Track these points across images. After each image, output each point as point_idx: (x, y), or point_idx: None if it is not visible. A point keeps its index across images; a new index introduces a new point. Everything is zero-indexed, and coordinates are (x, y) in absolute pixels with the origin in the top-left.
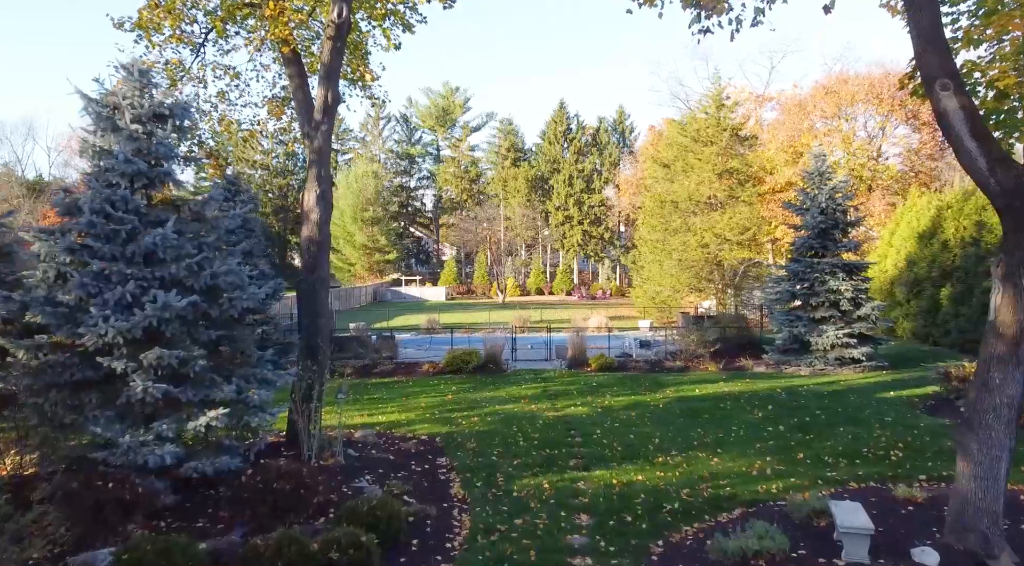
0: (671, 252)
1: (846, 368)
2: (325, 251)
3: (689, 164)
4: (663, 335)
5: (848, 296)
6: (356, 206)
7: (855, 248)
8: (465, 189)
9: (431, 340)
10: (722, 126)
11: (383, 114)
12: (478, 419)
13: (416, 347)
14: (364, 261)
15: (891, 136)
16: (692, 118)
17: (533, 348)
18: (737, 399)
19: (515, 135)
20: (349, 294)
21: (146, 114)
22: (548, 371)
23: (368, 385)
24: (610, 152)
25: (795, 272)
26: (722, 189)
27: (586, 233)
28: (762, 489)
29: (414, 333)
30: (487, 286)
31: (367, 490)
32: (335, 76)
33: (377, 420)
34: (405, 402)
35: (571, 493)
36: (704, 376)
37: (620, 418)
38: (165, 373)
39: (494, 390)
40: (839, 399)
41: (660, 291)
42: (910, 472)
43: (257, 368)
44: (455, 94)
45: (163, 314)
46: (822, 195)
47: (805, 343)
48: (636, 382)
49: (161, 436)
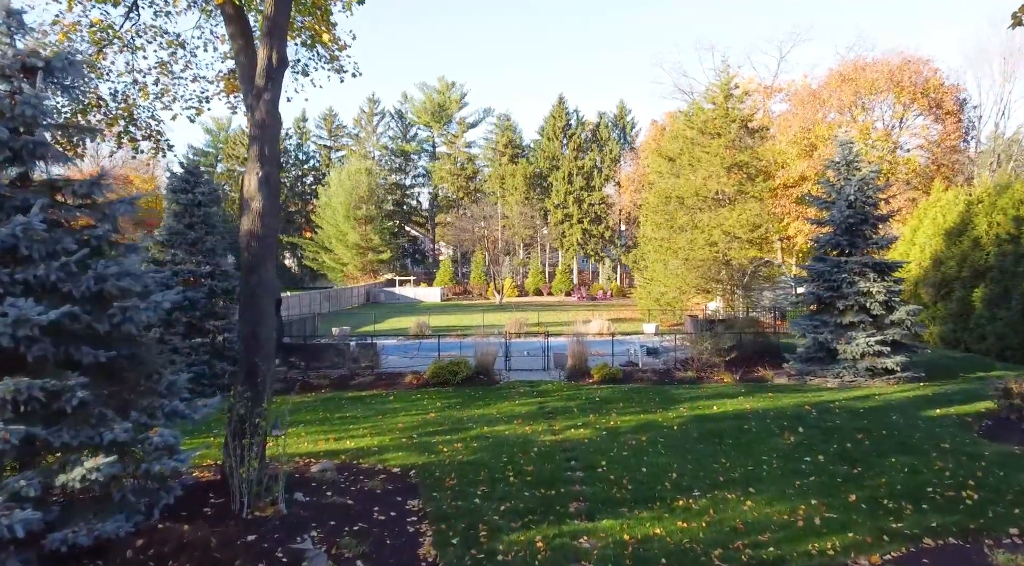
0: (676, 251)
1: (878, 379)
2: (270, 248)
3: (696, 158)
4: (671, 340)
5: (880, 299)
6: (349, 204)
7: (886, 246)
8: (462, 187)
9: (419, 346)
10: (731, 117)
11: (377, 110)
12: (462, 445)
13: (402, 354)
14: (357, 261)
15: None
16: (699, 109)
17: (529, 354)
18: (762, 418)
19: (513, 131)
20: (340, 295)
21: (10, 65)
22: (545, 383)
23: (343, 400)
24: (611, 148)
25: (819, 272)
26: (731, 184)
27: (586, 232)
28: (814, 549)
29: (402, 338)
30: (484, 287)
31: (309, 555)
32: (280, 32)
33: (344, 446)
34: (381, 422)
35: (571, 554)
36: (720, 389)
37: (629, 444)
38: (29, 409)
39: (484, 407)
40: (879, 418)
41: (665, 292)
42: (995, 523)
43: (168, 397)
44: (451, 89)
45: (20, 330)
46: (850, 187)
47: (831, 351)
48: (644, 397)
49: (17, 495)
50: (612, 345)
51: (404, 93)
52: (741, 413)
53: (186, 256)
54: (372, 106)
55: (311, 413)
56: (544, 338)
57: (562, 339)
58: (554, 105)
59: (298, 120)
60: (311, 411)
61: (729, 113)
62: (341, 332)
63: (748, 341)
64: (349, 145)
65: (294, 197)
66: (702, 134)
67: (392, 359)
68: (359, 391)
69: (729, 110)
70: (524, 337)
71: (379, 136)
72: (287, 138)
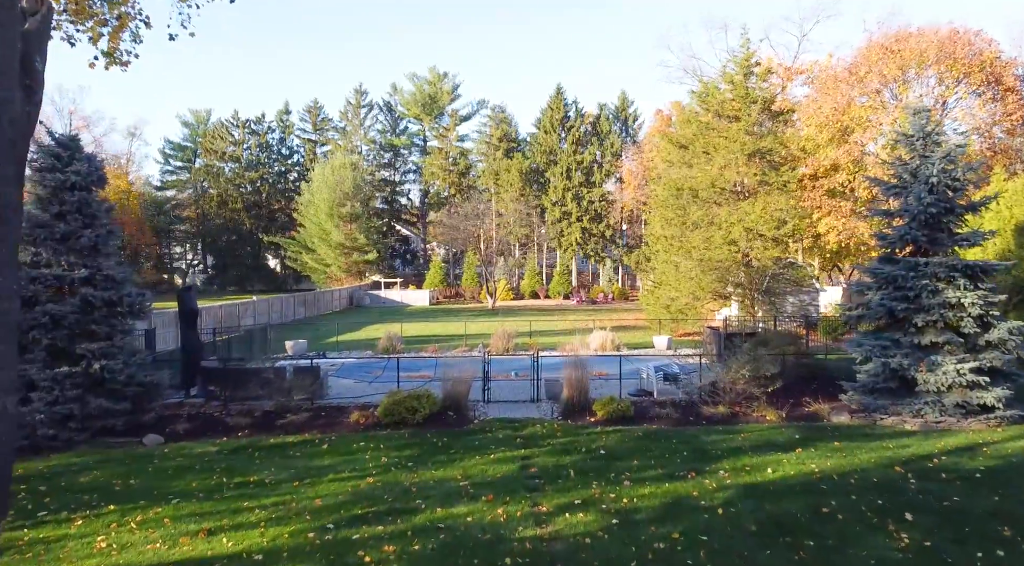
0: (690, 251)
1: (973, 419)
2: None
3: (712, 144)
4: (690, 357)
5: (974, 313)
6: (332, 201)
7: (977, 243)
8: (454, 183)
9: (386, 364)
10: (751, 98)
11: (364, 101)
12: (396, 549)
13: (360, 377)
14: (341, 261)
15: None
16: (714, 90)
17: (516, 376)
18: (843, 491)
19: (508, 124)
20: (319, 299)
21: None
22: (533, 423)
23: (257, 452)
24: (612, 142)
25: (889, 277)
26: (752, 173)
27: (585, 231)
28: None
29: (369, 354)
30: (476, 290)
31: None
32: None
33: (217, 548)
34: (294, 495)
35: None
36: (766, 434)
37: (654, 547)
38: None
39: (445, 465)
40: (1015, 489)
41: (676, 298)
42: None
43: None
44: (443, 80)
45: None
46: (930, 166)
47: (907, 381)
48: (666, 447)
49: None
50: (619, 363)
51: (393, 84)
52: (810, 481)
53: (52, 257)
54: (359, 98)
55: (202, 477)
56: (534, 356)
57: (556, 355)
58: (552, 96)
59: (281, 112)
60: (203, 473)
61: (749, 93)
62: (296, 348)
63: (789, 362)
64: (335, 139)
65: (277, 195)
66: (718, 117)
67: (345, 384)
68: (286, 435)
69: (749, 90)
70: (512, 353)
71: (367, 129)
72: (269, 132)
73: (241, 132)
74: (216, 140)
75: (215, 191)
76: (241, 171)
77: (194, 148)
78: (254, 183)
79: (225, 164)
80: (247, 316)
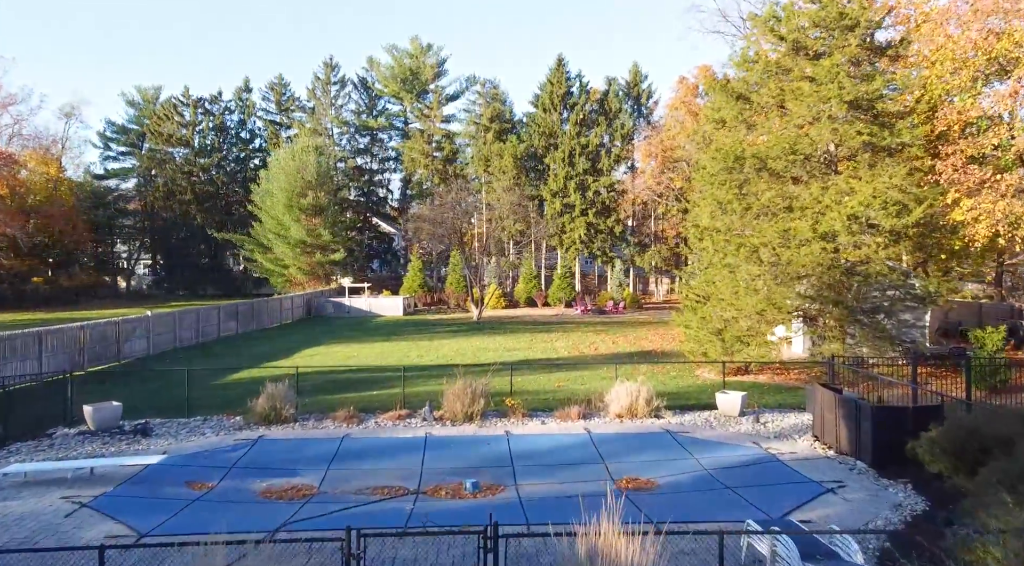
0: (757, 248)
1: None
2: None
3: (789, 91)
4: (823, 450)
5: None
6: (291, 190)
7: None
8: (438, 170)
9: (236, 461)
10: (849, 20)
11: (335, 77)
12: None
13: (145, 514)
14: (302, 262)
15: None
16: (790, 11)
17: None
18: None
19: (501, 102)
20: (263, 309)
21: None
22: None
23: None
24: (622, 122)
25: None
26: (853, 134)
27: (591, 226)
28: None
29: (238, 421)
30: (463, 295)
31: None
32: None
33: None
34: None
35: None
36: None
37: None
38: None
39: None
40: None
41: (734, 318)
42: None
43: None
44: (426, 53)
45: None
46: None
47: None
48: None
49: None
50: (662, 458)
51: (370, 58)
52: None
53: None
54: (329, 72)
55: None
56: (508, 438)
57: (555, 431)
58: (552, 69)
59: (240, 90)
60: None
61: (847, 13)
62: (97, 418)
63: None
64: (301, 121)
65: (234, 185)
66: (797, 53)
67: None
68: None
69: (846, 7)
70: (476, 421)
71: (338, 109)
72: (227, 113)
73: (192, 112)
74: (164, 121)
75: (161, 180)
76: (192, 157)
77: (140, 131)
78: (207, 171)
79: (174, 149)
80: (136, 338)
